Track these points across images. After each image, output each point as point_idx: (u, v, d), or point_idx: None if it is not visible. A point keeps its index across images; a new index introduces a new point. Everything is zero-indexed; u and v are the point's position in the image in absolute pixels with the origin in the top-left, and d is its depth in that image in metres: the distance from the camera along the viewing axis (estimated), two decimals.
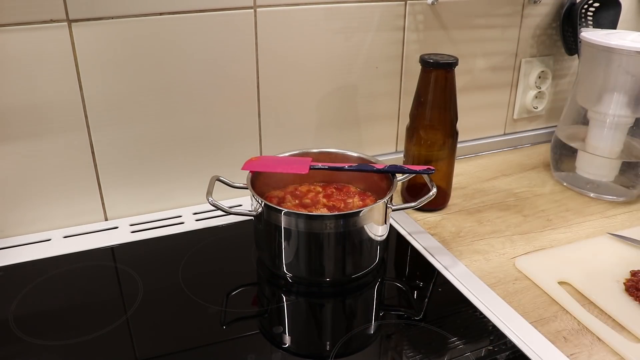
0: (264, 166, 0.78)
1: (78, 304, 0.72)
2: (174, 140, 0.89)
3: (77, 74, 0.79)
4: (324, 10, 0.91)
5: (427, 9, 1.00)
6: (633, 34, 0.95)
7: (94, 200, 0.88)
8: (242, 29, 0.87)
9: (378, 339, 0.67)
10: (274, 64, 0.91)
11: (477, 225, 0.89)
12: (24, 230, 0.85)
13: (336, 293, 0.75)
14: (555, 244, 0.84)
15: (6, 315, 0.68)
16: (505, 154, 1.18)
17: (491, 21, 1.08)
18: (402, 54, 1.01)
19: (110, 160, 0.86)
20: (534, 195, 1.00)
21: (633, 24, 1.23)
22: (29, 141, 0.80)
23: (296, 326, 0.70)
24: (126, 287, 0.74)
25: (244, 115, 0.93)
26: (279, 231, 0.71)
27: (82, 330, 0.66)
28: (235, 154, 0.93)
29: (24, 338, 0.64)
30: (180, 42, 0.83)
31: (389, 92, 1.04)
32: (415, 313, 0.71)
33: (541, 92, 1.18)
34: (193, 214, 0.92)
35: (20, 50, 0.74)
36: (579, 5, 1.09)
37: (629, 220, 0.91)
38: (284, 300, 0.74)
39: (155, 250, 0.83)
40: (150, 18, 0.80)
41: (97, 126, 0.83)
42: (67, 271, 0.77)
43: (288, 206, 0.79)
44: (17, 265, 0.78)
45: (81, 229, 0.87)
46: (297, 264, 0.73)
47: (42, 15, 0.74)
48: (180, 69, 0.85)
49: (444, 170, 0.92)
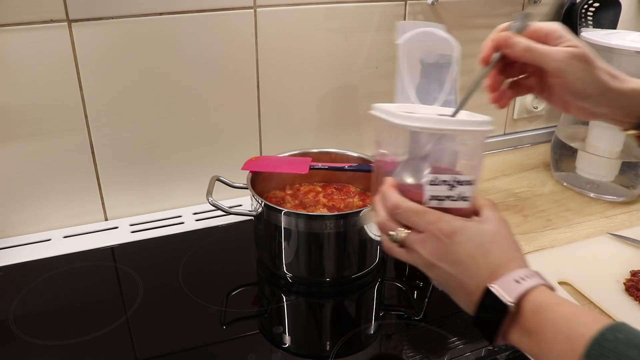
0: (264, 166, 0.78)
1: (78, 304, 0.72)
2: (174, 140, 0.89)
3: (77, 74, 0.79)
4: (323, 10, 0.91)
5: (427, 9, 1.00)
6: (633, 34, 0.95)
7: (94, 200, 0.88)
8: (242, 29, 0.86)
9: (378, 339, 0.67)
10: (274, 63, 0.91)
11: None
12: (24, 230, 0.85)
13: (336, 293, 0.75)
14: (555, 244, 0.84)
15: (6, 315, 0.68)
16: (505, 154, 1.18)
17: (491, 21, 1.07)
18: None
19: (110, 160, 0.86)
20: (534, 195, 1.00)
21: (633, 24, 1.23)
22: (29, 141, 0.80)
23: (296, 326, 0.70)
24: (126, 287, 0.74)
25: (244, 115, 0.93)
26: (279, 231, 0.71)
27: (82, 330, 0.66)
28: (235, 154, 0.93)
29: (24, 338, 0.64)
30: (180, 42, 0.83)
31: (389, 92, 1.03)
32: (415, 313, 0.71)
33: None
34: (193, 214, 0.92)
35: (20, 50, 0.74)
36: (579, 5, 1.09)
37: (629, 220, 0.91)
38: (284, 300, 0.74)
39: (155, 250, 0.82)
40: (150, 18, 0.80)
41: (97, 126, 0.83)
42: (67, 271, 0.77)
43: (288, 206, 0.79)
44: (17, 265, 0.78)
45: (81, 229, 0.87)
46: (297, 264, 0.73)
47: (42, 15, 0.74)
48: (180, 69, 0.85)
49: None
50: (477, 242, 0.45)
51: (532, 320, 0.42)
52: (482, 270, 0.45)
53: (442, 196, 0.47)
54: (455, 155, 0.49)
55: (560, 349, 0.39)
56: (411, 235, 0.47)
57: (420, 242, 0.47)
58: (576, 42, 0.53)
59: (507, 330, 0.43)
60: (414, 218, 0.47)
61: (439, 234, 0.46)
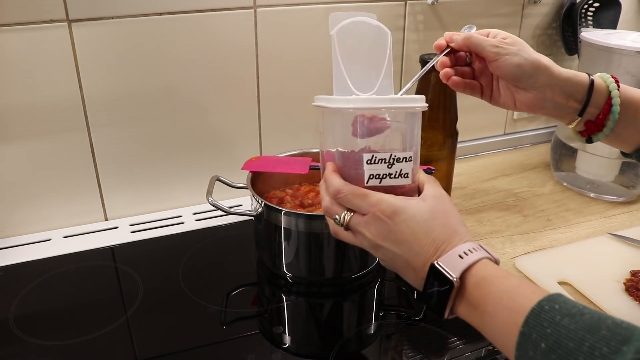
0: (264, 166, 0.78)
1: (78, 304, 0.72)
2: (174, 140, 0.89)
3: (77, 74, 0.79)
4: (324, 10, 0.91)
5: (427, 9, 1.00)
6: (633, 34, 0.95)
7: (94, 200, 0.88)
8: (242, 29, 0.86)
9: (378, 339, 0.67)
10: (274, 64, 0.91)
11: (477, 225, 0.89)
12: (25, 230, 0.85)
13: (336, 293, 0.75)
14: (555, 244, 0.84)
15: (6, 315, 0.68)
16: (505, 154, 1.18)
17: (491, 21, 1.07)
18: (402, 54, 1.01)
19: (110, 160, 0.86)
20: (534, 195, 1.00)
21: (633, 24, 1.23)
22: (29, 141, 0.80)
23: (296, 326, 0.70)
24: (126, 287, 0.74)
25: (244, 115, 0.93)
26: (279, 231, 0.71)
27: (82, 330, 0.66)
28: (235, 154, 0.93)
29: (24, 338, 0.64)
30: (181, 42, 0.83)
31: None
32: (415, 313, 0.71)
33: None
34: (193, 214, 0.92)
35: (20, 50, 0.74)
36: (579, 5, 1.09)
37: (629, 220, 0.91)
38: (284, 300, 0.74)
39: (155, 250, 0.82)
40: (150, 18, 0.80)
41: (97, 126, 0.83)
42: (67, 271, 0.77)
43: (288, 206, 0.79)
44: (17, 265, 0.78)
45: (81, 229, 0.87)
46: (297, 264, 0.73)
47: (42, 15, 0.74)
48: (180, 69, 0.85)
49: (444, 170, 0.92)
50: (419, 220, 0.47)
51: (475, 293, 0.43)
52: (426, 247, 0.46)
53: (381, 174, 0.48)
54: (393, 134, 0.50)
55: (501, 321, 0.41)
56: (355, 217, 0.49)
57: (364, 225, 0.48)
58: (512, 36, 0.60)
59: (454, 305, 0.45)
60: (356, 201, 0.48)
61: (381, 215, 0.47)
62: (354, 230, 0.50)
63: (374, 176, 0.48)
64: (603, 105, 0.60)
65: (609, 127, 0.60)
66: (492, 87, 0.64)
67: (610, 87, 0.60)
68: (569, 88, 0.60)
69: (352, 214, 0.49)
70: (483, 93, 0.65)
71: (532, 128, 1.24)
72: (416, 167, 0.51)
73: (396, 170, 0.48)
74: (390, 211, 0.47)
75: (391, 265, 0.50)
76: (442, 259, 0.45)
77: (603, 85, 0.60)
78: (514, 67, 0.59)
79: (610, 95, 0.60)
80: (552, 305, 0.39)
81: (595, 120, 0.61)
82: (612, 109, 0.59)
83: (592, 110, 0.60)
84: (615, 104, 0.59)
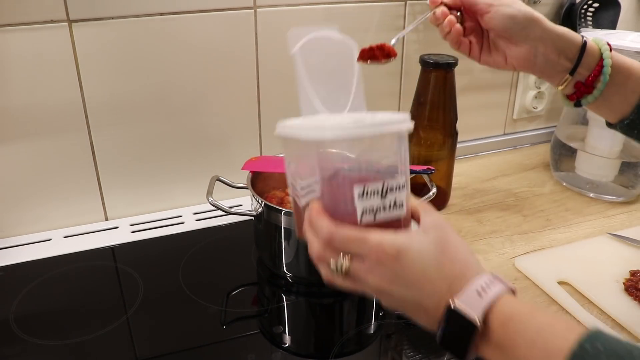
0: (264, 166, 0.78)
1: (78, 303, 0.72)
2: (174, 140, 0.89)
3: (78, 74, 0.79)
4: (324, 10, 0.91)
5: (427, 9, 0.99)
6: (632, 34, 0.95)
7: (94, 200, 0.88)
8: (242, 29, 0.87)
9: (378, 339, 0.67)
10: (274, 63, 0.91)
11: (477, 225, 0.89)
12: (25, 230, 0.85)
13: (336, 293, 0.75)
14: (555, 243, 0.84)
15: (6, 315, 0.68)
16: (505, 154, 1.18)
17: None
18: (402, 54, 1.01)
19: (110, 160, 0.86)
20: (534, 195, 1.00)
21: (633, 24, 1.23)
22: (30, 141, 0.80)
23: (296, 326, 0.70)
24: (126, 287, 0.74)
25: (244, 115, 0.93)
26: (279, 231, 0.71)
27: (82, 330, 0.66)
28: (235, 154, 0.93)
29: (24, 338, 0.64)
30: (181, 43, 0.83)
31: (389, 92, 1.04)
32: None
33: (541, 92, 1.18)
34: (193, 214, 0.92)
35: (20, 50, 0.74)
36: (578, 5, 1.09)
37: (628, 220, 0.91)
38: (284, 300, 0.74)
39: (156, 250, 0.83)
40: (151, 18, 0.80)
41: (97, 126, 0.83)
42: (67, 271, 0.77)
43: (288, 206, 0.79)
44: (17, 265, 0.78)
45: (81, 229, 0.87)
46: (297, 264, 0.73)
47: (42, 15, 0.74)
48: (180, 69, 0.85)
49: (443, 170, 0.92)
50: (427, 257, 0.41)
51: (502, 334, 0.39)
52: (439, 286, 0.41)
53: (375, 207, 0.42)
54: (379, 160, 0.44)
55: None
56: (354, 264, 0.43)
57: (367, 271, 0.42)
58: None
59: (477, 346, 0.40)
60: (353, 246, 0.42)
61: (384, 258, 0.41)
62: (354, 277, 0.43)
63: (368, 211, 0.42)
64: (594, 67, 0.60)
65: (599, 89, 0.60)
66: (481, 45, 0.65)
67: (602, 49, 0.60)
68: (561, 44, 0.60)
69: (349, 260, 0.43)
70: (472, 51, 0.65)
71: (531, 128, 1.24)
72: (408, 193, 0.44)
73: (390, 200, 0.42)
74: (394, 252, 0.41)
75: (400, 309, 0.44)
76: (459, 298, 0.40)
77: (595, 48, 0.60)
78: (506, 18, 0.59)
79: (602, 57, 0.60)
80: (594, 346, 0.35)
81: (586, 82, 0.61)
82: (603, 70, 0.59)
83: (582, 71, 0.61)
84: (606, 65, 0.59)
